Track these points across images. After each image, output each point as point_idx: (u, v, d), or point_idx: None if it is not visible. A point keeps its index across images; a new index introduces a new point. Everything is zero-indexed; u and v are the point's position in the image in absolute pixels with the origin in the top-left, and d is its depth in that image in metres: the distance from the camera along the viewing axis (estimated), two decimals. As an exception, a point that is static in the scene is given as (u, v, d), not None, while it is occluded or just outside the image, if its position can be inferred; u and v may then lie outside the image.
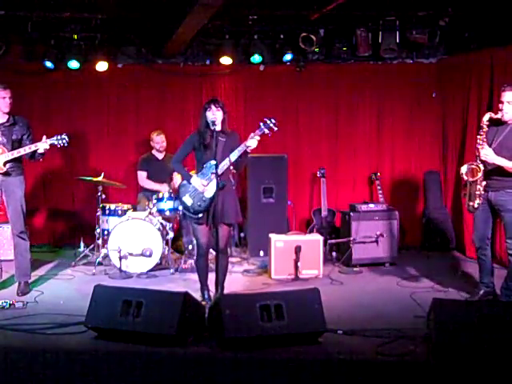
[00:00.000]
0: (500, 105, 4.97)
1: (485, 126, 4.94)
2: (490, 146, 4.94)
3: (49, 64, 7.44)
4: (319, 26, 7.59)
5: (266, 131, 5.01)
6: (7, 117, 5.50)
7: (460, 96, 7.55)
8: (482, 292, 5.26)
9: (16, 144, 5.49)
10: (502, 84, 5.22)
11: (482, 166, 4.91)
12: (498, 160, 4.86)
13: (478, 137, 4.94)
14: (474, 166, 4.95)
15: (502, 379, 3.67)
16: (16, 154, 5.39)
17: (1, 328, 4.46)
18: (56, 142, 5.50)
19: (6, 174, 5.43)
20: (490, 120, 4.99)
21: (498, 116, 4.95)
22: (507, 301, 5.01)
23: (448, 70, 7.89)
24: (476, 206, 4.98)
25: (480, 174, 4.90)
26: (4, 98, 5.42)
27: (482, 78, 7.11)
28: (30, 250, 5.67)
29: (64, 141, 5.53)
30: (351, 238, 6.74)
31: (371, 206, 7.01)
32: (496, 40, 6.89)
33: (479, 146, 4.91)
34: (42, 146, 5.41)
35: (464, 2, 6.98)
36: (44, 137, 5.46)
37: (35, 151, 5.44)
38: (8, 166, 5.42)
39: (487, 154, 4.87)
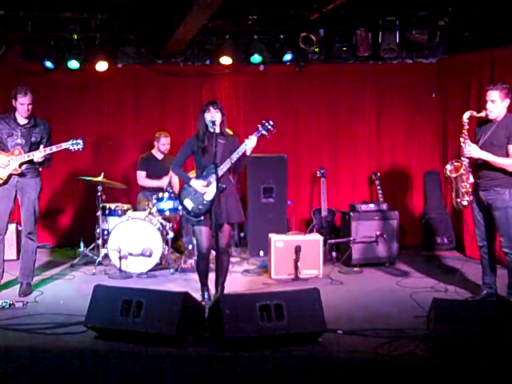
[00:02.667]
0: (486, 104, 5.04)
1: (466, 124, 5.04)
2: (477, 143, 5.04)
3: (49, 64, 7.45)
4: (319, 26, 7.59)
5: (264, 133, 5.02)
6: (28, 118, 5.51)
7: (460, 96, 7.55)
8: (484, 293, 5.27)
9: (35, 146, 5.48)
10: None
11: (465, 163, 5.01)
12: (484, 155, 4.95)
13: (461, 135, 5.03)
14: (457, 163, 5.06)
15: (502, 379, 3.67)
16: (31, 156, 5.39)
17: (1, 328, 4.46)
18: (71, 147, 5.51)
19: (22, 175, 5.45)
20: (480, 119, 5.13)
21: (482, 114, 5.04)
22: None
23: (448, 70, 7.90)
24: (465, 203, 5.07)
25: (462, 170, 5.00)
26: (23, 104, 5.41)
27: (482, 77, 7.10)
28: (36, 251, 5.67)
29: (79, 146, 5.54)
30: (351, 238, 6.73)
31: (371, 206, 7.01)
32: (496, 40, 6.89)
33: (462, 144, 5.00)
34: (37, 155, 5.40)
35: (464, 2, 6.99)
36: (41, 146, 5.44)
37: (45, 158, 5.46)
38: (24, 167, 5.44)
39: (471, 150, 4.96)
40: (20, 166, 5.42)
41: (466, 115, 5.04)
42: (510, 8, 6.36)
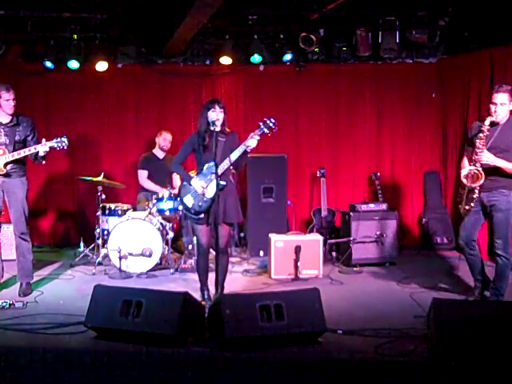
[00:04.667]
0: (492, 106, 4.87)
1: (486, 131, 4.84)
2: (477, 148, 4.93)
3: (49, 64, 7.45)
4: (319, 26, 7.60)
5: (266, 131, 5.01)
6: (11, 117, 5.45)
7: (460, 96, 7.56)
8: (477, 290, 5.28)
9: (19, 145, 5.43)
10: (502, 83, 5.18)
11: (482, 172, 4.83)
12: (498, 162, 4.84)
13: (478, 141, 4.85)
14: (476, 172, 4.84)
15: (501, 379, 3.67)
16: (16, 155, 5.33)
17: (1, 328, 4.46)
18: (55, 145, 5.44)
19: (7, 175, 5.39)
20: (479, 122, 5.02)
21: (493, 119, 4.86)
22: (498, 300, 5.03)
23: (448, 69, 7.90)
24: (468, 208, 4.99)
25: (482, 181, 4.83)
26: (8, 100, 5.36)
27: (481, 77, 7.11)
28: (31, 251, 5.66)
29: (64, 144, 5.47)
30: (351, 238, 6.74)
31: (371, 205, 7.01)
32: (496, 39, 6.90)
33: (479, 150, 4.84)
34: (42, 148, 5.35)
35: (464, 2, 6.99)
36: (43, 139, 5.41)
37: (37, 153, 5.39)
38: (9, 167, 5.38)
39: (489, 158, 4.83)
40: (5, 166, 5.35)
41: (488, 122, 4.82)
42: (510, 8, 6.37)
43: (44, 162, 5.60)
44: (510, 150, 4.87)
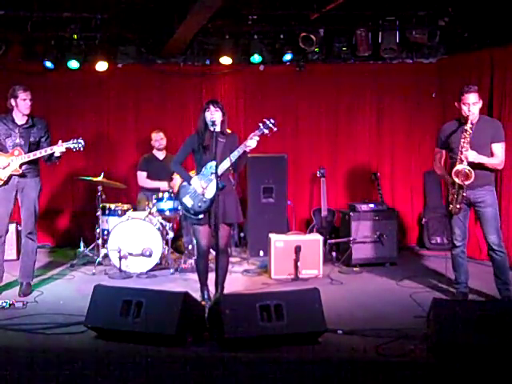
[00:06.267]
0: (465, 107, 4.96)
1: (469, 129, 4.90)
2: (456, 148, 5.01)
3: (49, 64, 7.45)
4: (319, 26, 7.59)
5: (266, 131, 5.01)
6: (26, 118, 5.52)
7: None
8: (461, 291, 5.29)
9: (33, 146, 5.50)
10: (502, 84, 5.19)
11: (472, 170, 4.89)
12: (480, 158, 4.94)
13: (463, 140, 4.92)
14: (467, 170, 4.91)
15: (501, 379, 3.67)
16: (32, 156, 5.41)
17: (1, 328, 4.46)
18: (72, 146, 5.52)
19: (22, 175, 5.46)
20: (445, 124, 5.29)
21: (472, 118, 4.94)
22: (507, 296, 5.05)
23: (448, 69, 7.89)
24: (459, 207, 5.04)
25: (472, 179, 4.89)
26: (25, 99, 5.43)
27: (481, 77, 7.11)
28: (36, 251, 5.68)
29: (80, 145, 5.55)
30: (351, 238, 6.74)
31: (371, 205, 7.00)
32: (496, 40, 6.90)
33: (464, 149, 4.91)
34: (58, 149, 5.43)
35: (464, 2, 6.99)
36: (60, 141, 5.48)
37: (52, 154, 5.47)
38: (24, 167, 5.44)
39: (474, 155, 4.91)
40: (20, 166, 5.42)
41: (470, 125, 4.92)
42: (510, 8, 6.37)
43: (58, 163, 5.70)
44: (483, 147, 4.97)
